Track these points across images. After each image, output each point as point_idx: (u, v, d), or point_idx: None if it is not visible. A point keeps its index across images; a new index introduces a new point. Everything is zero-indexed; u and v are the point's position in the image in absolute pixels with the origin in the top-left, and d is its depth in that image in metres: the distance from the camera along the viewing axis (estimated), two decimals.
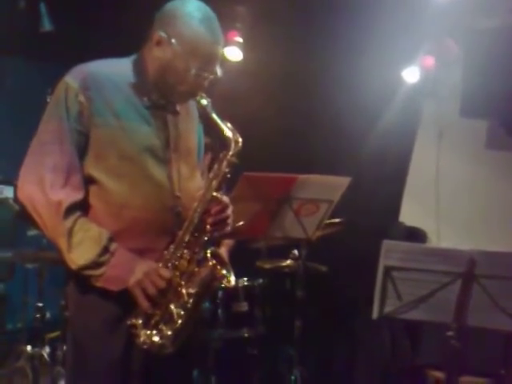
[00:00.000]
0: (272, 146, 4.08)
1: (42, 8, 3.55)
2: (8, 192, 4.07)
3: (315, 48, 3.88)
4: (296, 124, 4.13)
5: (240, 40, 3.99)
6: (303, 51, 3.94)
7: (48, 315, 3.68)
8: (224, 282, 1.81)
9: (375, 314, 2.25)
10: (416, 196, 4.23)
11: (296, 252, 3.39)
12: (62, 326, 3.57)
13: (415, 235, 4.02)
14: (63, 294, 3.58)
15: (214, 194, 1.81)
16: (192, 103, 1.93)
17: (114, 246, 1.75)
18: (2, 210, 4.02)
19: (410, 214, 4.19)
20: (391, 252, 2.17)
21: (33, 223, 1.84)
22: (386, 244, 2.17)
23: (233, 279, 1.83)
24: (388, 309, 2.24)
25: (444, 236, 4.08)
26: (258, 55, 4.09)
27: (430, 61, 3.81)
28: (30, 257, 3.54)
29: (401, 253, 2.18)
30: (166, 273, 1.75)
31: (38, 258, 3.49)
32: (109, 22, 4.00)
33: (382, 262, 2.18)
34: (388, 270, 2.20)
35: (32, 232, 3.57)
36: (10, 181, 4.07)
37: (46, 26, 3.57)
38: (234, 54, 4.04)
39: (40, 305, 3.60)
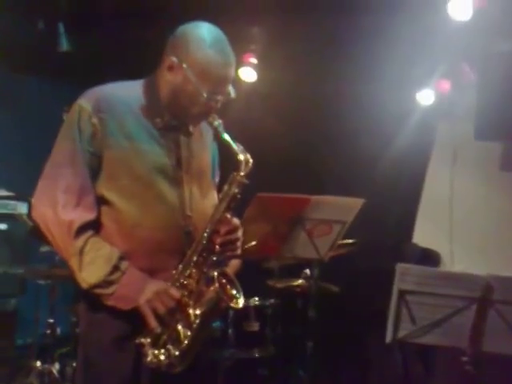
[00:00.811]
0: (286, 166, 4.09)
1: (61, 28, 3.60)
2: (22, 208, 4.10)
3: (330, 69, 3.90)
4: (310, 144, 4.14)
5: (254, 61, 4.03)
6: (317, 72, 3.96)
7: (59, 331, 3.69)
8: (233, 302, 1.81)
9: (389, 338, 2.23)
10: (430, 217, 4.20)
11: (308, 271, 3.38)
12: (72, 342, 3.57)
13: (429, 257, 3.99)
14: (74, 311, 3.59)
15: (224, 214, 1.81)
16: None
17: (124, 265, 1.76)
18: (15, 226, 4.05)
19: (423, 236, 4.16)
20: (406, 275, 2.15)
21: (46, 240, 1.85)
22: (401, 267, 2.15)
23: (241, 300, 1.82)
24: (402, 333, 2.21)
25: (458, 258, 4.05)
26: (273, 76, 4.12)
27: (445, 84, 3.82)
28: (43, 273, 3.56)
29: (415, 276, 2.15)
30: (176, 293, 1.76)
31: (51, 274, 3.50)
32: (125, 43, 4.06)
33: (397, 286, 2.16)
34: (402, 294, 2.17)
35: (44, 248, 3.59)
36: (24, 197, 4.10)
37: (64, 46, 3.63)
38: (248, 74, 4.08)
39: (51, 321, 3.61)
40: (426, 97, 3.93)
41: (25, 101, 4.60)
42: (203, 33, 1.80)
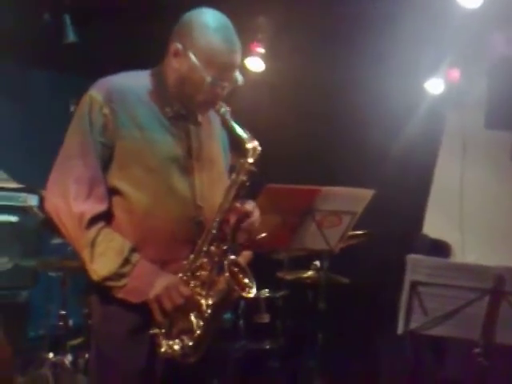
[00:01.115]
0: (294, 157, 4.07)
1: (67, 20, 3.59)
2: (32, 200, 4.11)
3: (338, 59, 3.87)
4: (318, 134, 4.12)
5: (262, 51, 4.00)
6: (325, 62, 3.93)
7: (71, 323, 3.71)
8: (245, 291, 1.80)
9: (400, 330, 2.23)
10: (440, 208, 4.19)
11: (318, 263, 3.38)
12: (85, 333, 3.59)
13: (439, 248, 3.98)
14: (86, 302, 3.61)
15: (233, 203, 1.80)
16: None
17: (135, 258, 1.76)
18: (26, 218, 4.06)
19: (434, 226, 4.15)
20: (417, 267, 2.15)
21: (58, 232, 1.86)
22: (412, 259, 2.15)
23: (254, 290, 1.81)
24: (413, 324, 2.21)
25: (468, 248, 4.03)
26: (280, 65, 4.09)
27: (455, 73, 3.78)
28: (54, 265, 3.56)
29: (427, 268, 2.15)
30: (186, 289, 1.76)
31: (62, 266, 3.51)
32: (132, 34, 4.04)
33: (408, 277, 2.16)
34: (414, 285, 2.17)
35: (56, 240, 3.60)
36: (34, 189, 4.12)
37: (70, 37, 3.62)
38: (256, 64, 4.05)
39: (63, 313, 3.62)
40: (435, 86, 3.89)
41: (32, 93, 4.60)
42: (208, 19, 1.79)
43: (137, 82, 1.85)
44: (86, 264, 1.77)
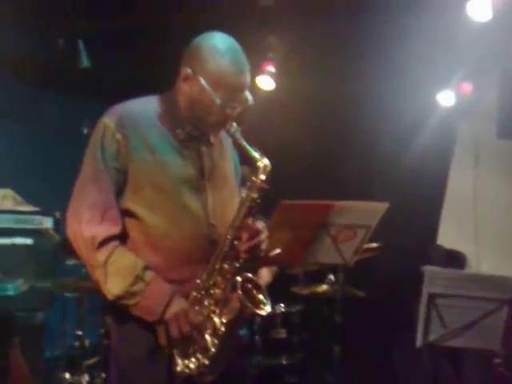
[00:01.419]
0: (307, 173, 4.09)
1: (81, 45, 3.65)
2: (47, 223, 4.15)
3: (349, 72, 3.90)
4: (331, 149, 4.14)
5: (272, 69, 4.04)
6: (336, 76, 3.96)
7: (87, 343, 3.72)
8: (259, 308, 1.80)
9: (419, 342, 2.22)
10: (454, 219, 4.17)
11: (332, 277, 3.37)
12: (101, 353, 3.60)
13: (454, 258, 3.96)
14: (102, 322, 3.62)
15: (244, 220, 1.81)
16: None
17: (149, 276, 1.78)
18: (41, 240, 4.09)
19: (448, 237, 4.13)
20: (435, 279, 2.15)
21: (74, 254, 1.88)
22: (430, 271, 2.15)
23: (268, 306, 1.81)
24: (432, 336, 2.20)
25: (484, 259, 4.01)
26: (291, 84, 4.13)
27: (467, 87, 3.80)
28: (70, 286, 3.58)
29: (444, 280, 2.15)
30: (195, 318, 1.77)
31: (78, 287, 3.53)
32: (143, 60, 4.10)
33: (426, 289, 2.16)
34: (432, 297, 2.17)
35: (71, 261, 3.63)
36: (49, 212, 4.16)
37: (84, 62, 3.68)
38: (266, 82, 4.09)
39: (79, 333, 3.63)
40: (446, 98, 3.91)
41: (46, 116, 4.66)
42: (215, 42, 1.83)
43: (147, 106, 1.89)
44: (101, 285, 1.79)
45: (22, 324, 3.95)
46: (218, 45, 1.82)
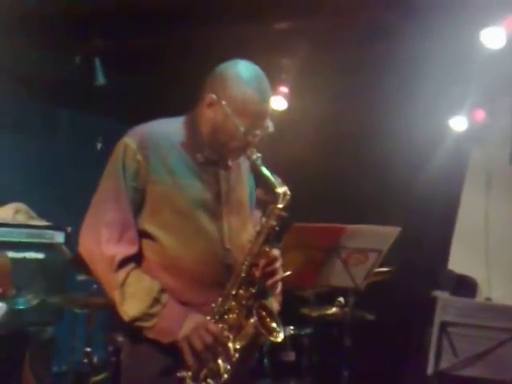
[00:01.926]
0: (318, 194, 4.09)
1: (97, 63, 3.70)
2: (59, 238, 4.17)
3: (363, 95, 3.93)
4: (343, 170, 4.15)
5: (285, 90, 4.08)
6: (350, 99, 3.99)
7: (95, 360, 3.72)
8: (272, 336, 1.81)
9: (430, 370, 2.21)
10: (465, 243, 4.16)
11: (342, 300, 3.36)
12: (109, 370, 3.59)
13: (465, 283, 3.94)
14: (110, 340, 3.63)
15: (262, 247, 1.83)
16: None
17: (165, 298, 1.79)
18: (52, 255, 4.11)
19: (459, 262, 4.12)
20: (447, 307, 2.14)
21: (86, 270, 1.89)
22: (442, 299, 2.15)
23: (281, 334, 1.82)
24: (443, 365, 2.19)
25: (495, 284, 3.99)
26: (303, 104, 4.16)
27: (480, 114, 3.82)
28: (80, 302, 3.59)
29: (457, 308, 2.14)
30: (214, 328, 1.77)
31: (88, 303, 3.53)
32: (158, 78, 4.15)
33: (438, 317, 2.15)
34: (443, 326, 2.16)
35: (81, 277, 3.64)
36: (61, 227, 4.19)
37: (100, 80, 3.73)
38: (279, 103, 4.13)
39: (88, 350, 3.63)
40: (459, 123, 3.92)
41: (61, 132, 4.72)
42: (241, 70, 1.85)
43: (169, 129, 1.91)
44: (117, 305, 1.80)
45: (30, 338, 3.96)
46: (243, 72, 1.85)
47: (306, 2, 3.33)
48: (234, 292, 1.81)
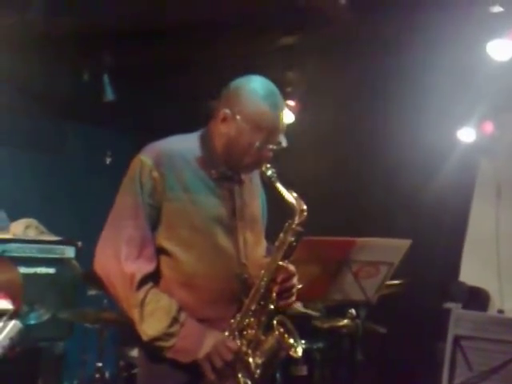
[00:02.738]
0: (327, 207, 4.08)
1: (106, 79, 3.74)
2: (69, 252, 4.19)
3: (370, 108, 3.94)
4: (350, 183, 4.15)
5: (292, 103, 4.10)
6: (357, 111, 4.00)
7: (107, 375, 3.72)
8: (291, 351, 1.81)
9: None
10: (476, 255, 4.14)
11: (353, 311, 3.35)
12: None
13: (477, 295, 3.92)
14: (122, 355, 3.62)
15: (280, 263, 1.83)
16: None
17: (183, 317, 1.79)
18: (63, 270, 4.12)
19: (470, 274, 4.10)
20: (460, 321, 2.13)
21: (98, 285, 1.89)
22: (455, 313, 2.14)
23: (300, 349, 1.82)
24: (458, 379, 2.18)
25: (507, 296, 3.96)
26: (311, 117, 4.17)
27: (488, 126, 3.83)
28: (91, 317, 3.59)
29: (470, 322, 2.13)
30: (234, 345, 1.78)
31: (98, 318, 3.53)
32: (166, 93, 4.18)
33: (451, 331, 2.14)
34: (457, 340, 2.15)
35: (92, 292, 3.64)
36: (72, 241, 4.20)
37: (109, 96, 3.76)
38: (286, 116, 4.13)
39: (99, 365, 3.63)
40: (467, 134, 3.93)
41: (71, 147, 4.75)
42: (255, 86, 1.87)
43: (184, 145, 1.93)
44: (136, 324, 1.81)
45: (42, 353, 3.97)
46: (258, 88, 1.86)
47: (313, 16, 3.36)
48: (253, 307, 1.82)
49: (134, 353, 3.39)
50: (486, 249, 4.10)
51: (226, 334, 1.81)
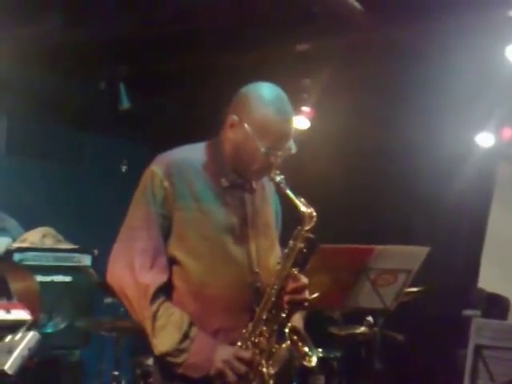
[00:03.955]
0: (343, 213, 4.06)
1: (122, 88, 3.76)
2: (86, 260, 4.20)
3: (387, 114, 3.92)
4: (367, 189, 4.12)
5: (307, 109, 4.09)
6: (374, 117, 3.98)
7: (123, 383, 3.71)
8: (305, 360, 1.78)
9: None
10: (495, 261, 4.09)
11: (371, 319, 3.32)
12: None
13: (497, 302, 3.86)
14: (138, 363, 3.62)
15: (291, 270, 1.82)
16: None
17: (194, 332, 1.77)
18: (79, 278, 4.13)
19: (490, 280, 4.04)
20: (482, 330, 2.09)
21: (113, 295, 1.88)
22: (477, 322, 2.10)
23: (315, 358, 1.79)
24: None
25: None
26: (327, 123, 4.15)
27: (507, 132, 3.79)
28: (107, 325, 3.59)
29: (492, 331, 2.09)
30: (246, 354, 1.76)
31: (115, 326, 3.53)
32: (181, 102, 4.19)
33: (473, 341, 2.10)
34: (479, 349, 2.10)
35: (109, 300, 3.64)
36: (88, 250, 4.21)
37: (125, 104, 3.78)
38: (301, 123, 4.13)
39: (116, 373, 3.62)
40: (485, 139, 3.90)
41: (86, 156, 4.77)
42: (263, 92, 1.86)
43: (193, 154, 1.92)
44: (149, 336, 1.80)
45: (58, 361, 3.97)
46: (265, 94, 1.85)
47: (328, 22, 3.34)
48: (264, 316, 1.79)
49: (151, 361, 3.35)
50: (505, 255, 4.05)
51: (239, 343, 1.79)
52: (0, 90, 4.14)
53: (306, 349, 1.79)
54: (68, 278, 4.12)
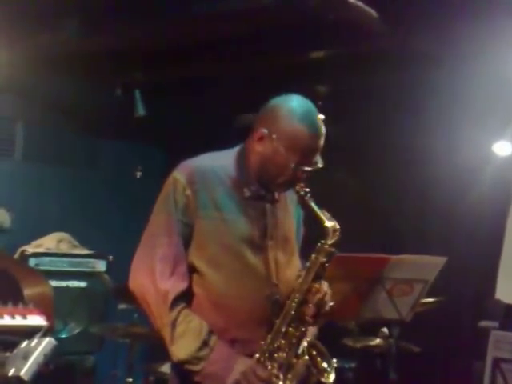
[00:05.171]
0: (358, 223, 4.03)
1: (137, 95, 3.78)
2: (100, 266, 4.22)
3: (403, 122, 3.89)
4: (383, 199, 4.09)
5: (322, 117, 4.06)
6: (390, 125, 3.96)
7: None
8: (323, 377, 1.77)
9: None
10: None
11: (386, 330, 3.28)
12: None
13: None
14: (152, 369, 3.61)
15: (312, 284, 1.80)
16: None
17: (213, 341, 1.77)
18: (94, 283, 4.15)
19: (507, 291, 3.98)
20: (500, 343, 2.06)
21: (130, 300, 1.88)
22: (495, 334, 2.07)
23: (333, 375, 1.78)
24: None
25: None
26: (340, 130, 4.14)
27: None
28: (121, 331, 3.59)
29: (510, 344, 2.06)
30: (264, 373, 1.75)
31: (129, 332, 3.53)
32: (196, 109, 4.20)
33: (491, 354, 2.07)
34: (496, 362, 2.08)
35: (123, 306, 3.65)
36: (103, 255, 4.24)
37: (140, 111, 3.80)
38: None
39: (129, 380, 3.62)
40: (502, 148, 3.87)
41: (101, 162, 4.81)
42: (293, 105, 1.84)
43: (218, 162, 1.91)
44: (167, 344, 1.79)
45: (72, 367, 3.99)
46: (296, 108, 1.83)
47: (342, 30, 3.33)
48: (283, 329, 1.78)
49: (164, 368, 3.38)
50: None
51: (257, 355, 1.78)
52: (17, 97, 4.19)
53: (325, 364, 1.78)
54: (83, 284, 4.15)
